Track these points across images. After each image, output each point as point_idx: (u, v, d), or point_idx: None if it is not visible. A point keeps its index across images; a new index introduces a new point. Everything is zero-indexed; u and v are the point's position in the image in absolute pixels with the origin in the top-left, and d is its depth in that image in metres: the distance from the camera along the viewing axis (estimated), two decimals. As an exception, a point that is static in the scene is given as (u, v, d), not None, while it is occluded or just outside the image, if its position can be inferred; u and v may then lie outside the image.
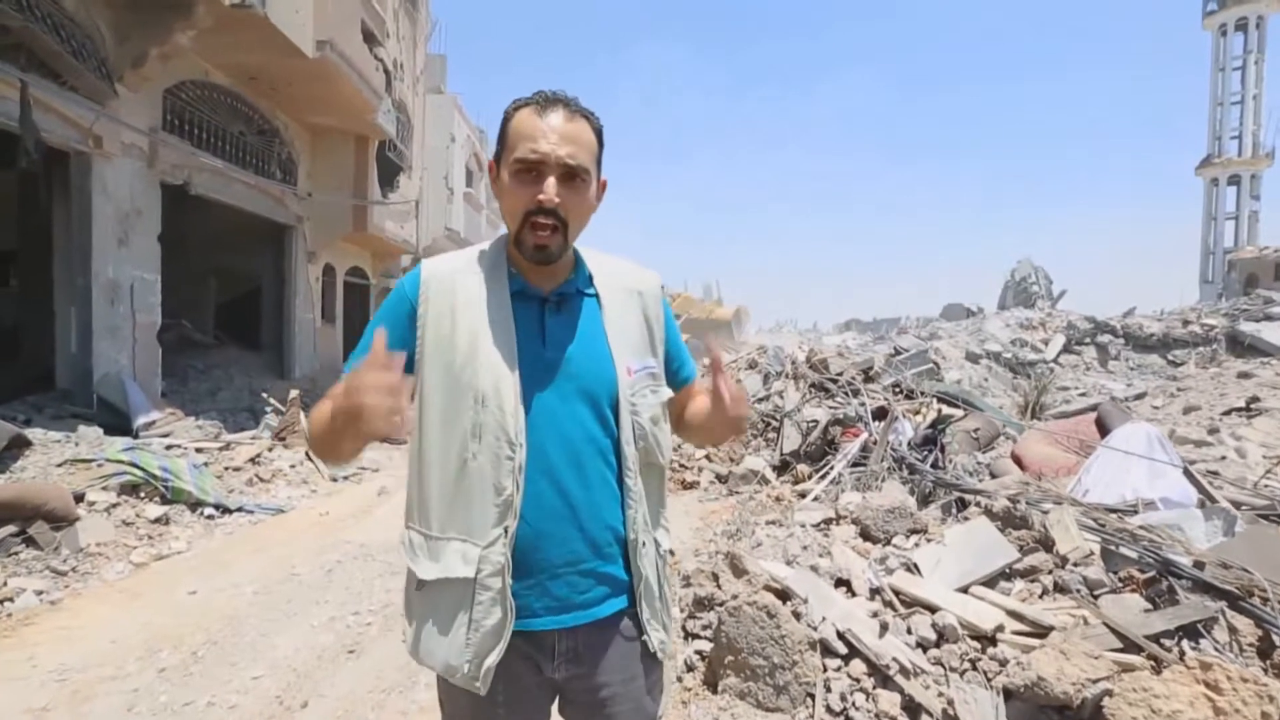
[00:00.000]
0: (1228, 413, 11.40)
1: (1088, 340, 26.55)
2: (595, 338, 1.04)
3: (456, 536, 0.97)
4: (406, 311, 1.01)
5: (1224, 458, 6.62)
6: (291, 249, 11.08)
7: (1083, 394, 19.35)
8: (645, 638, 1.04)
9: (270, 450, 6.43)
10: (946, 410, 5.86)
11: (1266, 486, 4.84)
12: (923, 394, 6.31)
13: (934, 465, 4.52)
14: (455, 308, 0.99)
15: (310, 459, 6.59)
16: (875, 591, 2.51)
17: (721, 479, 6.18)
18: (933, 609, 2.30)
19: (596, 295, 1.06)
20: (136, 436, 5.75)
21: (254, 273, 11.96)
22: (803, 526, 3.39)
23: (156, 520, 4.28)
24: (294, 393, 7.37)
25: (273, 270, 11.54)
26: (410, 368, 0.99)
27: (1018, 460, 4.41)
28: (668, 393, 1.09)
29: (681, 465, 6.77)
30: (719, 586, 2.75)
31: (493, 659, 0.95)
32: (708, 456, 6.69)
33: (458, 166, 20.74)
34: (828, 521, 3.55)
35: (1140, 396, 15.25)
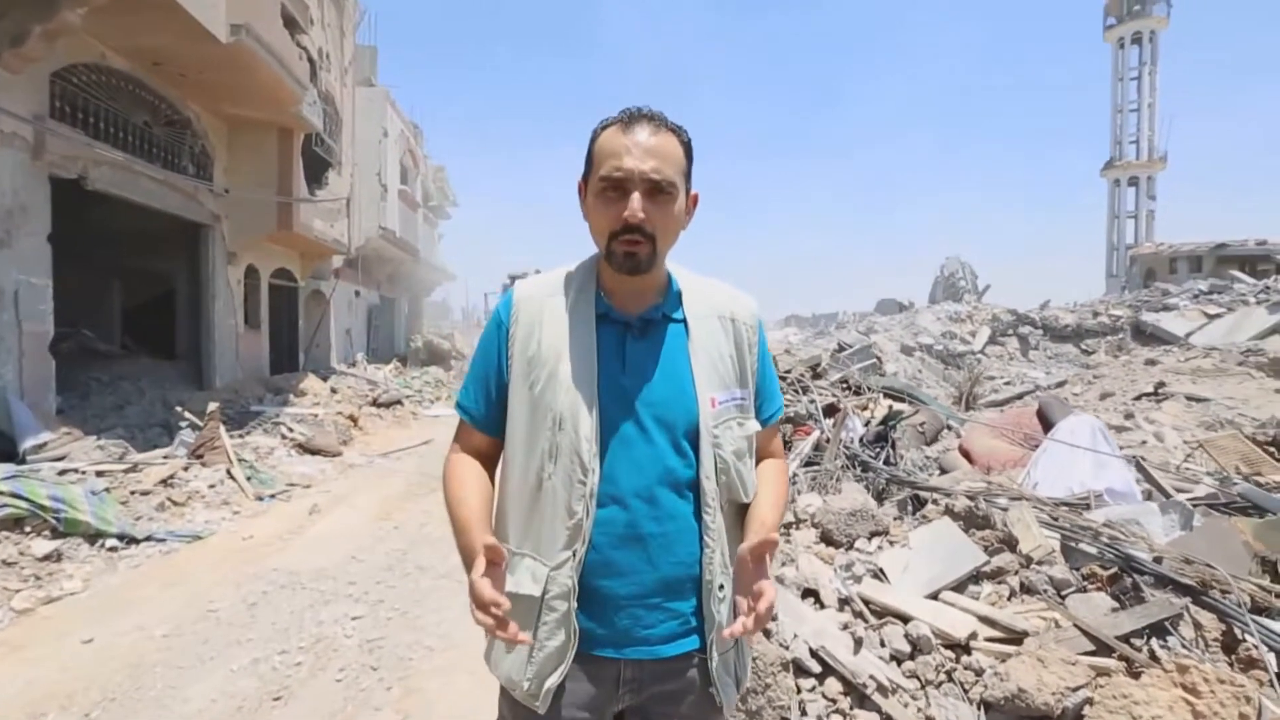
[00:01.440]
0: (1138, 398, 12.19)
1: (1010, 331, 28.06)
2: (678, 365, 1.01)
3: (529, 554, 0.98)
4: (502, 334, 1.05)
5: (1145, 442, 6.99)
6: (208, 249, 10.29)
7: (1008, 383, 20.38)
8: (712, 689, 0.99)
9: (186, 469, 5.89)
10: (894, 405, 5.94)
11: (1188, 470, 5.10)
12: (869, 389, 6.38)
13: (886, 462, 4.53)
14: (542, 329, 1.01)
15: (232, 476, 6.08)
16: (844, 602, 2.42)
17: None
18: (905, 618, 2.23)
19: (684, 321, 1.04)
20: (23, 462, 5.13)
21: (166, 275, 11.07)
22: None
23: (45, 557, 3.79)
24: (213, 405, 6.80)
25: (188, 272, 10.69)
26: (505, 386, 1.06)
27: (965, 454, 4.48)
28: (755, 426, 1.06)
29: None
30: (682, 603, 2.60)
31: (553, 680, 0.95)
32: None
33: (391, 163, 19.90)
34: (787, 526, 3.46)
35: (1061, 384, 16.16)
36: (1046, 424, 4.36)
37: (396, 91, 20.01)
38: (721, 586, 0.97)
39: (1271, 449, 5.42)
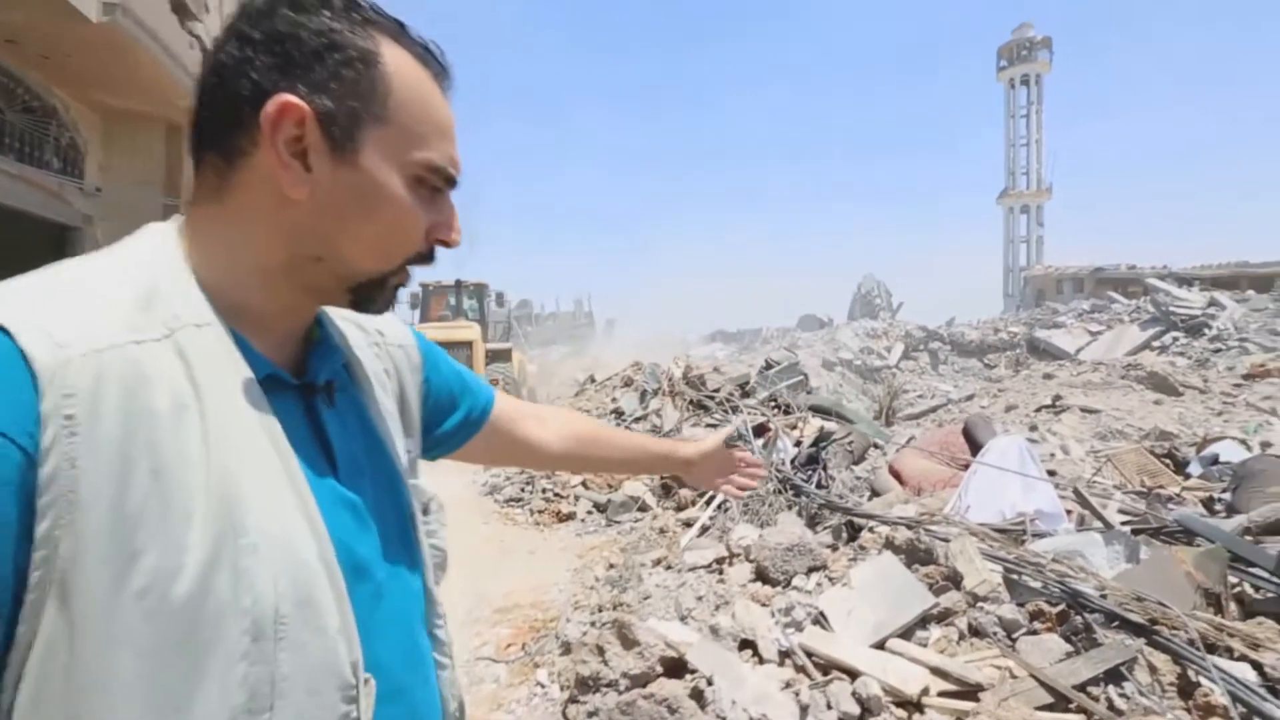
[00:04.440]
0: (1039, 410, 12.98)
1: (922, 347, 29.73)
2: (372, 436, 0.63)
3: None
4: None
5: (1053, 455, 7.31)
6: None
7: (920, 396, 21.44)
8: None
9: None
10: (822, 424, 5.89)
11: (1097, 484, 5.29)
12: (797, 408, 6.33)
13: (819, 485, 4.41)
14: (156, 436, 0.43)
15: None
16: (785, 654, 2.19)
17: (600, 508, 5.75)
18: (853, 673, 2.01)
19: (347, 364, 0.65)
20: None
21: (23, 283, 9.75)
22: (694, 571, 3.04)
23: None
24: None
25: (50, 280, 9.45)
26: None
27: (896, 475, 4.43)
28: (430, 490, 0.71)
29: (556, 494, 6.27)
30: (605, 662, 2.29)
31: None
32: (584, 483, 6.24)
33: (300, 167, 18.69)
34: (720, 561, 3.23)
35: (970, 398, 17.06)
36: (973, 443, 4.38)
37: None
38: (459, 706, 0.70)
39: (1167, 460, 5.73)
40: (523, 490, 6.56)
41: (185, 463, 0.44)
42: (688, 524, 4.62)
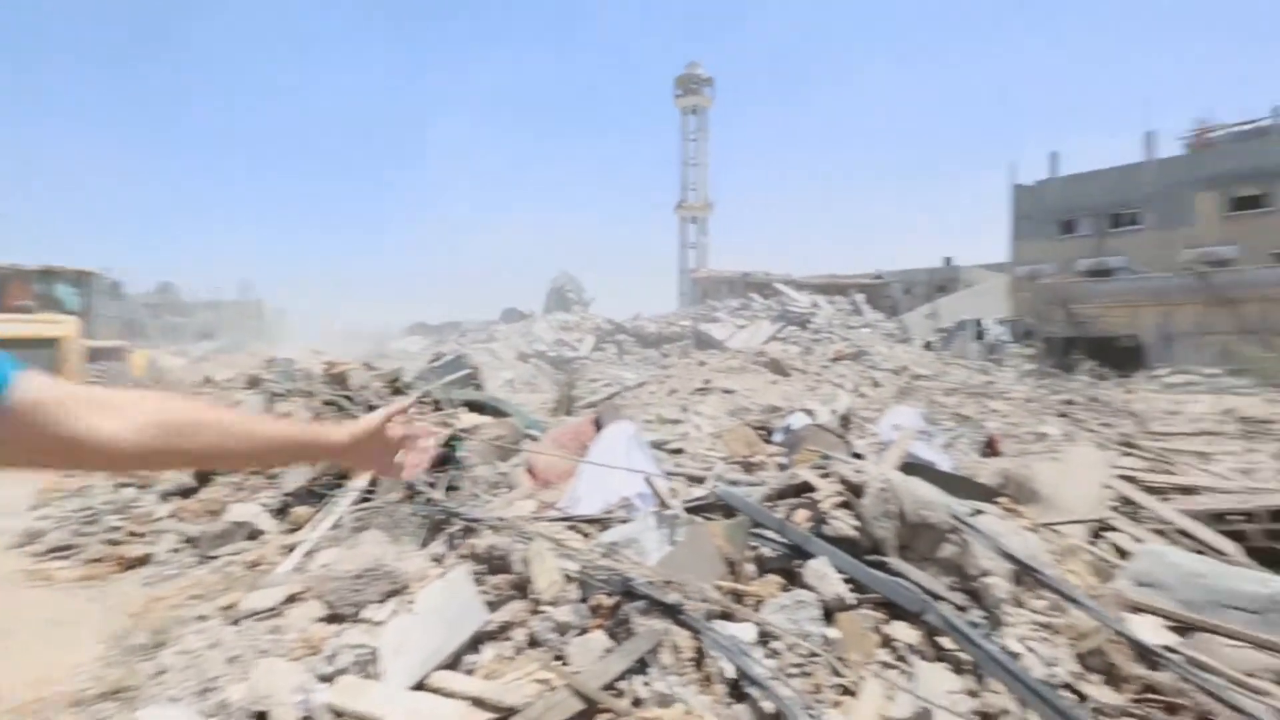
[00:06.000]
0: (693, 393, 15.06)
1: (610, 339, 32.32)
2: None
3: None
4: None
5: (688, 434, 8.35)
6: None
7: (606, 384, 23.19)
8: None
9: None
10: (474, 419, 5.63)
11: (708, 456, 6.09)
12: (450, 404, 5.96)
13: (450, 487, 4.10)
14: None
15: None
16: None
17: (191, 541, 4.56)
18: (378, 728, 1.70)
19: None
20: None
21: None
22: (238, 623, 2.41)
23: None
24: None
25: None
26: None
27: (530, 470, 4.37)
28: None
29: (132, 533, 4.82)
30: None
31: None
32: (175, 514, 4.91)
33: None
34: (292, 599, 2.66)
35: (642, 384, 19.01)
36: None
37: None
38: None
39: (763, 432, 6.92)
40: (78, 534, 4.89)
41: None
42: (294, 548, 3.87)
